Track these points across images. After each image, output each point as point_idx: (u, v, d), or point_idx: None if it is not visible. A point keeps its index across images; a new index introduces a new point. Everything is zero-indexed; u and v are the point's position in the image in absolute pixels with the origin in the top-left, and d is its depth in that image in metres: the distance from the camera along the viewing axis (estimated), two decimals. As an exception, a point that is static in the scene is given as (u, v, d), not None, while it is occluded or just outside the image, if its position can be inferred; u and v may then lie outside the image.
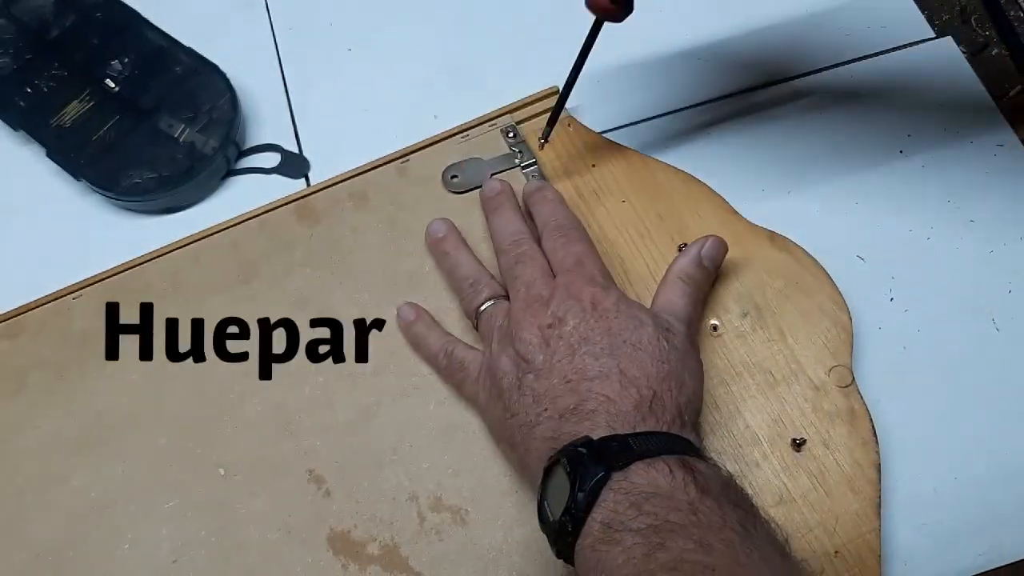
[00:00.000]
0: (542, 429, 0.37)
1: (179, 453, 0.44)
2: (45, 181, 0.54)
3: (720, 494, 0.33)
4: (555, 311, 0.39)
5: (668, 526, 0.31)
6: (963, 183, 0.48)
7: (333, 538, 0.42)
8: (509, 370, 0.39)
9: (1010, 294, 0.46)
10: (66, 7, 0.55)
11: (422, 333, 0.45)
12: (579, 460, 0.34)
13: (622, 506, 0.32)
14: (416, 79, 0.55)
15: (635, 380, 0.37)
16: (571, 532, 0.33)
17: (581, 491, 0.33)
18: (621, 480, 0.33)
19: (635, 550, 0.31)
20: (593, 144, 0.50)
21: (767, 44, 0.54)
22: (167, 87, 0.53)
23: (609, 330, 0.38)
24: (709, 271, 0.44)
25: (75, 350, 0.47)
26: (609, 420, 0.35)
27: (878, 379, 0.43)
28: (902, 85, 0.51)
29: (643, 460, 0.33)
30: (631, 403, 0.36)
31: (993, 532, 0.41)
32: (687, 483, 0.33)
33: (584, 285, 0.40)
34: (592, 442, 0.34)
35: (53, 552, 0.43)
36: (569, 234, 0.43)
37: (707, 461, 0.35)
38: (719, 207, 0.47)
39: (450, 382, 0.44)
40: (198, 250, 0.49)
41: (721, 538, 0.31)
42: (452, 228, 0.47)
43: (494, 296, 0.43)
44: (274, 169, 0.53)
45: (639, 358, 0.37)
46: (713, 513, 0.32)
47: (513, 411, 0.38)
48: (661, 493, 0.32)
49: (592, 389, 0.37)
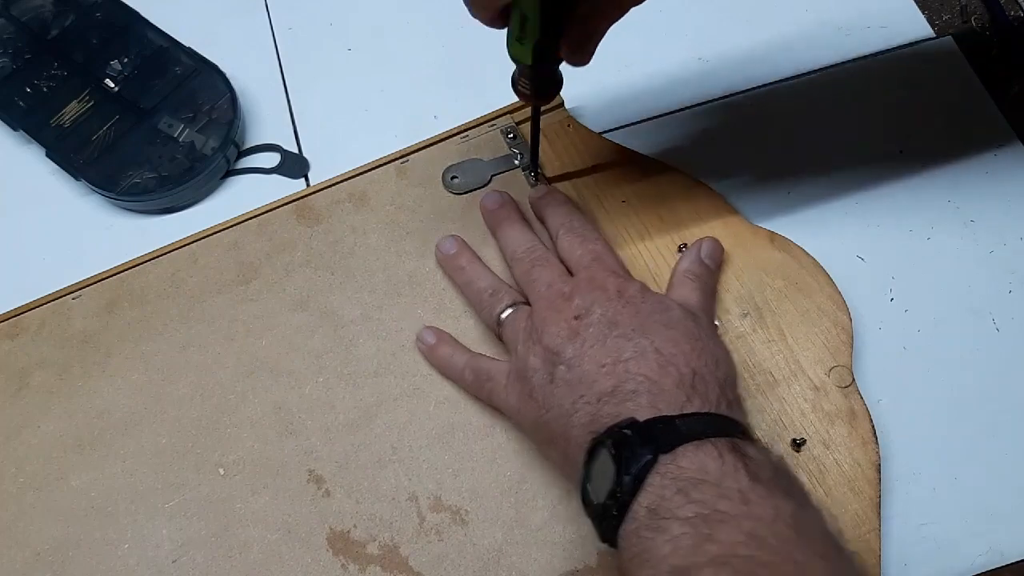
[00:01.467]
0: (580, 416, 0.36)
1: (179, 453, 0.44)
2: (45, 181, 0.54)
3: (771, 481, 0.32)
4: (580, 303, 0.39)
5: (717, 516, 0.30)
6: (963, 183, 0.48)
7: (333, 538, 0.42)
8: (539, 367, 0.38)
9: (1010, 294, 0.46)
10: (66, 7, 0.55)
11: (446, 354, 0.44)
12: (625, 442, 0.33)
13: (669, 491, 0.31)
14: (416, 79, 0.55)
15: (672, 358, 0.36)
16: (616, 516, 0.32)
17: (627, 475, 0.32)
18: (668, 464, 0.32)
19: (682, 540, 0.30)
20: (593, 144, 0.50)
21: (767, 44, 0.54)
22: (167, 87, 0.53)
23: (637, 312, 0.38)
24: (712, 269, 0.44)
25: (75, 350, 0.47)
26: (652, 400, 0.35)
27: (878, 379, 0.43)
28: (902, 85, 0.51)
29: (691, 443, 0.32)
30: (672, 382, 0.35)
31: (993, 532, 0.41)
32: (737, 469, 0.32)
33: (607, 276, 0.40)
34: (638, 423, 0.34)
35: (54, 551, 0.43)
36: (584, 234, 0.44)
37: (756, 444, 0.34)
38: (719, 207, 0.47)
39: (480, 395, 0.43)
40: (198, 250, 0.49)
41: (773, 532, 0.30)
42: (463, 243, 0.46)
43: (514, 303, 0.43)
44: (274, 169, 0.53)
45: (672, 336, 0.37)
46: (765, 503, 0.31)
47: (548, 406, 0.38)
48: (710, 480, 0.31)
49: (629, 370, 0.36)
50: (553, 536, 0.41)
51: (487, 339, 0.45)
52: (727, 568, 0.29)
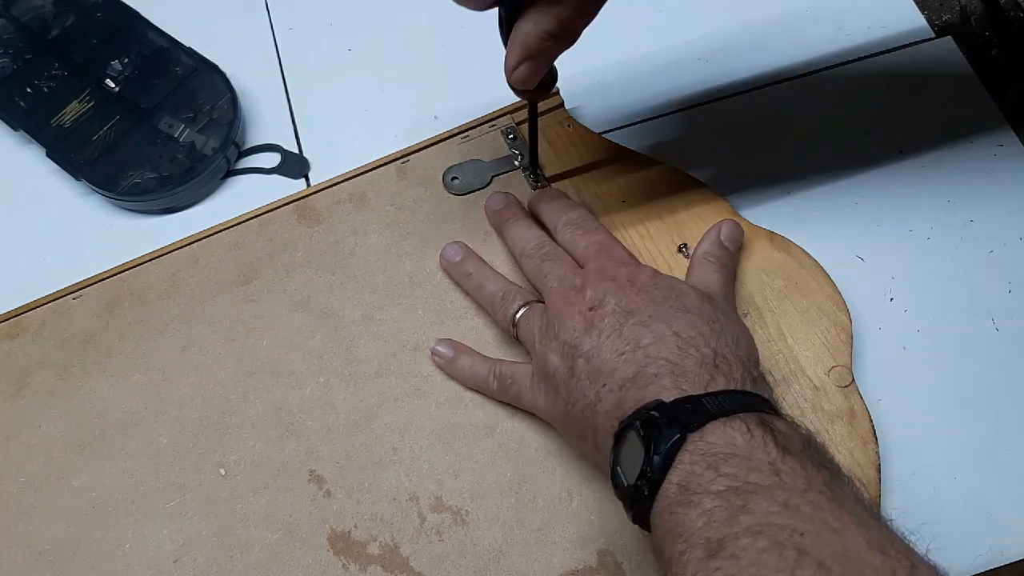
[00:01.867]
0: (604, 404, 0.36)
1: (180, 453, 0.44)
2: (45, 181, 0.54)
3: (802, 453, 0.31)
4: (593, 295, 0.39)
5: (749, 487, 0.30)
6: (963, 183, 0.48)
7: (334, 538, 0.42)
8: (559, 364, 0.38)
9: (1010, 294, 0.46)
10: (66, 7, 0.55)
11: (467, 364, 0.44)
12: (652, 423, 0.32)
13: (699, 467, 0.31)
14: (416, 79, 0.55)
15: (691, 340, 0.36)
16: (647, 496, 0.32)
17: (656, 454, 0.32)
18: (697, 441, 0.32)
19: (716, 513, 0.30)
20: (593, 144, 0.50)
21: (767, 44, 0.54)
22: (167, 87, 0.53)
23: (652, 299, 0.38)
24: (731, 251, 0.44)
25: (76, 350, 0.47)
26: (676, 382, 0.34)
27: (878, 379, 0.43)
28: (902, 85, 0.51)
29: (718, 420, 0.32)
30: (694, 363, 0.35)
31: (993, 532, 0.41)
32: (766, 442, 0.31)
33: (616, 266, 0.40)
34: (664, 404, 0.33)
35: (54, 551, 0.43)
36: (585, 225, 0.44)
37: (784, 418, 0.34)
38: (719, 207, 0.47)
39: (507, 399, 0.43)
40: (198, 250, 0.49)
41: (807, 501, 0.29)
42: (467, 249, 0.46)
43: (527, 302, 0.43)
44: (274, 169, 0.53)
45: (689, 320, 0.37)
46: (797, 474, 0.30)
47: (572, 400, 0.37)
48: (739, 454, 0.31)
49: (650, 354, 0.36)
50: (553, 536, 0.41)
51: (493, 339, 0.45)
52: (763, 537, 0.28)
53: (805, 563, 0.27)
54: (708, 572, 0.29)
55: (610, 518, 0.41)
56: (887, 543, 0.28)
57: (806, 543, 0.28)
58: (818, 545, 0.28)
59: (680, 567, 0.30)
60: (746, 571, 0.28)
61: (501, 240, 0.47)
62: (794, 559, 0.27)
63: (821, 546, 0.28)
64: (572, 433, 0.39)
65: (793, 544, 0.28)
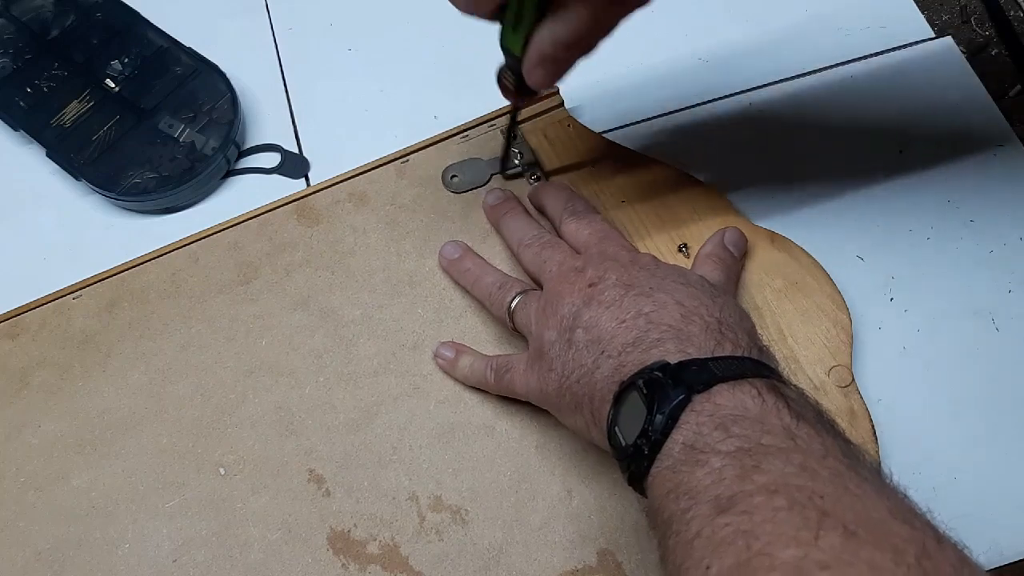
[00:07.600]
0: (603, 370, 0.34)
1: (180, 452, 0.44)
2: (45, 181, 0.54)
3: (816, 421, 0.30)
4: (593, 273, 0.38)
5: (762, 449, 0.28)
6: (963, 183, 0.48)
7: (333, 537, 0.42)
8: (555, 339, 0.37)
9: (1010, 294, 0.46)
10: (66, 7, 0.55)
11: (467, 363, 0.43)
12: (657, 384, 0.31)
13: (707, 428, 0.29)
14: (416, 79, 0.55)
15: (695, 309, 0.35)
16: (647, 455, 0.30)
17: (660, 413, 0.30)
18: (704, 402, 0.30)
19: (725, 471, 0.28)
20: (593, 144, 0.50)
21: (767, 44, 0.54)
22: (167, 87, 0.53)
23: (653, 275, 0.37)
24: (735, 255, 0.44)
25: (76, 350, 0.47)
26: (680, 346, 0.33)
27: (878, 379, 0.43)
28: (902, 85, 0.51)
29: (727, 382, 0.31)
30: (698, 328, 0.34)
31: (993, 532, 0.41)
32: (779, 408, 0.30)
33: (618, 249, 0.40)
34: (669, 365, 0.32)
35: (54, 551, 0.43)
36: (588, 216, 0.44)
37: (794, 387, 0.33)
38: (719, 207, 0.47)
39: (502, 390, 0.42)
40: (198, 250, 0.49)
41: (825, 465, 0.27)
42: (466, 247, 0.46)
43: (523, 290, 0.42)
44: (274, 169, 0.53)
45: (692, 292, 0.36)
46: (812, 440, 0.29)
47: (567, 372, 0.36)
48: (750, 416, 0.29)
49: (652, 320, 0.34)
50: (553, 536, 0.41)
51: (492, 338, 0.45)
52: (779, 496, 0.26)
53: (828, 524, 0.25)
54: (716, 528, 0.27)
55: (610, 517, 0.41)
56: (910, 514, 0.27)
57: (827, 506, 0.26)
58: (841, 508, 0.26)
59: (682, 524, 0.28)
60: (760, 527, 0.26)
61: (499, 235, 0.47)
62: (816, 520, 0.25)
63: (844, 510, 0.26)
64: (565, 408, 0.37)
65: (815, 506, 0.26)
